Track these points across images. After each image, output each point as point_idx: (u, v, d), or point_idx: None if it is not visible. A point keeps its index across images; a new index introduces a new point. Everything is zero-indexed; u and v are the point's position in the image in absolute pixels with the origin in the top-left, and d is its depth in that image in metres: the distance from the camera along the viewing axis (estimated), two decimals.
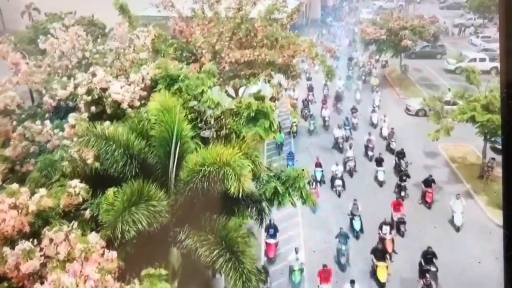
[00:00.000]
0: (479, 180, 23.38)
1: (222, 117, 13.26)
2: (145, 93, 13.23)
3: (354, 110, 29.60)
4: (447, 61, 40.88)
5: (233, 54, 23.10)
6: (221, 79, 25.44)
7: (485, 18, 51.62)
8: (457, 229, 19.57)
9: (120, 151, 10.22)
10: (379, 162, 23.28)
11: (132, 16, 17.77)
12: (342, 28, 55.55)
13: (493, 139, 22.10)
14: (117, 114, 13.10)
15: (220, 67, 24.55)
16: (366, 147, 25.56)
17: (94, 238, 8.33)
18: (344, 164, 23.77)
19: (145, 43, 14.96)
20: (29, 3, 51.06)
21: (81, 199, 9.25)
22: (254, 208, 11.85)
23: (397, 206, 19.40)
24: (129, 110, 13.15)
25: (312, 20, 58.90)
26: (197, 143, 13.66)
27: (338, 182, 21.88)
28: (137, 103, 13.21)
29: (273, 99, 27.20)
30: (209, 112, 13.34)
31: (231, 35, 24.18)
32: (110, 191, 9.27)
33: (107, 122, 11.34)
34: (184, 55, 25.41)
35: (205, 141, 14.13)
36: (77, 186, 9.10)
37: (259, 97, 30.10)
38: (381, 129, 28.09)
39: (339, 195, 21.93)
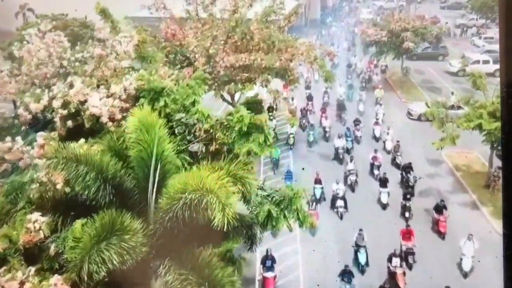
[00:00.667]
0: (485, 190, 22.16)
1: (211, 131, 12.08)
2: (127, 105, 12.04)
3: (357, 122, 27.53)
4: (450, 63, 39.56)
5: (228, 58, 21.88)
6: (215, 84, 24.29)
7: (488, 18, 50.28)
8: (465, 274, 17.28)
9: (92, 175, 9.02)
10: (384, 182, 21.17)
11: (115, 20, 16.56)
12: (342, 29, 53.99)
13: (500, 147, 20.88)
14: (97, 128, 11.90)
15: (215, 71, 23.39)
16: (372, 165, 23.44)
17: (55, 280, 7.13)
18: (345, 177, 22.27)
19: (127, 49, 13.73)
20: (23, 4, 49.91)
21: (42, 235, 8.07)
22: (245, 234, 10.65)
23: (406, 234, 17.61)
24: (110, 123, 11.96)
25: (311, 21, 57.58)
26: (185, 159, 12.50)
27: (339, 202, 20.11)
28: (119, 116, 12.01)
29: (271, 108, 26.07)
30: (199, 125, 12.18)
31: (226, 38, 22.97)
32: (78, 224, 8.08)
33: (80, 141, 10.14)
34: (178, 58, 24.26)
35: (195, 156, 12.98)
36: (37, 220, 7.93)
37: (256, 101, 29.12)
38: (384, 142, 26.16)
39: (341, 217, 20.15)
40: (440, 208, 19.44)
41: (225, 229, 8.02)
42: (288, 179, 21.72)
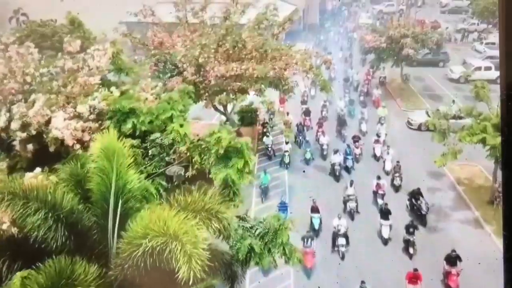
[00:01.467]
0: (489, 206, 20.83)
1: (188, 153, 10.84)
2: (97, 125, 10.80)
3: (356, 138, 25.39)
4: (451, 70, 38.25)
5: (218, 68, 20.66)
6: (206, 94, 23.09)
7: (489, 23, 49.05)
8: None
9: (42, 213, 7.77)
10: (385, 214, 18.67)
11: (88, 30, 15.33)
12: (340, 36, 52.30)
13: None
14: (64, 152, 10.65)
15: (206, 80, 22.19)
16: (375, 193, 20.91)
17: None
18: (344, 203, 20.12)
19: (99, 64, 12.49)
20: (17, 8, 48.89)
21: None
22: (224, 273, 9.37)
23: (413, 278, 15.54)
24: (78, 146, 10.72)
25: (309, 25, 56.36)
26: (161, 184, 11.25)
27: (341, 240, 17.59)
28: (88, 137, 10.77)
29: (266, 124, 24.89)
30: (175, 146, 10.95)
31: (217, 46, 21.77)
32: (17, 278, 6.79)
33: (36, 170, 8.88)
34: (167, 67, 23.07)
35: (171, 180, 11.75)
36: None
37: (250, 110, 27.91)
38: (384, 162, 23.99)
39: (342, 257, 17.61)
40: (452, 259, 16.50)
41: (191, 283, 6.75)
42: (283, 210, 18.49)
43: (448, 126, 19.51)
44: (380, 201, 20.20)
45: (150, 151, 10.97)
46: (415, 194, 19.95)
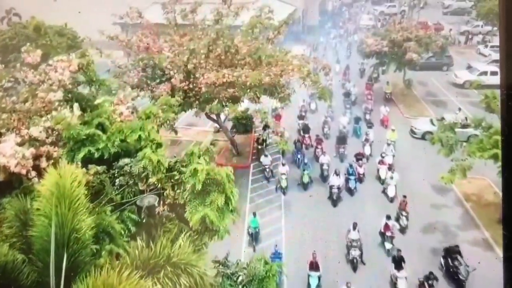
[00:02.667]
0: (499, 226, 19.15)
1: (159, 185, 9.26)
2: (56, 149, 9.21)
3: (359, 156, 22.93)
4: (455, 75, 36.57)
5: (208, 75, 19.06)
6: (197, 102, 21.53)
7: (494, 25, 47.32)
8: None
9: None
10: (399, 263, 15.96)
11: (55, 39, 13.73)
12: (339, 42, 50.14)
13: None
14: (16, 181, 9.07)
15: (196, 88, 20.63)
16: (383, 234, 18.24)
17: None
18: (347, 248, 17.37)
19: (62, 78, 10.89)
20: (9, 8, 47.37)
21: None
22: None
23: None
24: (34, 173, 9.14)
25: (309, 27, 54.70)
26: (130, 218, 9.66)
27: None
28: (45, 164, 9.19)
29: (263, 141, 23.25)
30: (145, 174, 9.37)
31: (207, 52, 20.18)
32: None
33: None
34: (156, 72, 21.49)
35: (141, 212, 10.16)
36: None
37: (246, 117, 26.31)
38: (387, 187, 21.37)
39: None
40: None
41: None
42: (276, 258, 16.11)
43: (456, 140, 17.89)
44: (388, 245, 17.78)
45: (117, 181, 9.38)
46: (452, 253, 16.59)
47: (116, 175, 9.47)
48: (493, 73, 34.34)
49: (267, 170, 22.74)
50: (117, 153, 10.84)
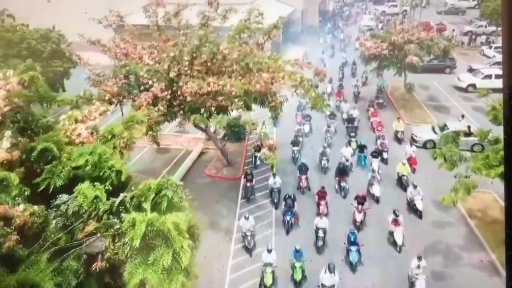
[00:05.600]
0: None
1: (98, 234, 7.54)
2: None
3: (360, 200, 18.37)
4: (458, 78, 34.68)
5: (190, 84, 17.35)
6: (181, 112, 19.85)
7: (498, 25, 45.29)
8: None
9: None
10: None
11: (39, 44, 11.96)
12: (341, 43, 48.06)
13: None
14: None
15: (180, 96, 18.94)
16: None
17: None
18: None
19: None
20: (1, 10, 45.85)
21: None
22: None
23: None
24: None
25: (308, 27, 52.81)
26: (70, 268, 7.97)
27: None
28: None
29: (249, 176, 21.14)
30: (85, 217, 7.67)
31: (191, 59, 18.47)
32: None
33: None
34: (138, 79, 19.75)
35: (93, 258, 8.49)
36: None
37: (238, 125, 24.52)
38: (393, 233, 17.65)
39: None
40: None
41: None
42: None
43: (460, 156, 16.06)
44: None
45: (54, 222, 7.71)
46: None
47: (54, 215, 7.81)
48: (498, 76, 32.40)
49: (248, 237, 17.31)
50: (73, 184, 9.15)
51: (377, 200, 20.28)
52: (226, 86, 17.30)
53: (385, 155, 23.67)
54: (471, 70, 37.03)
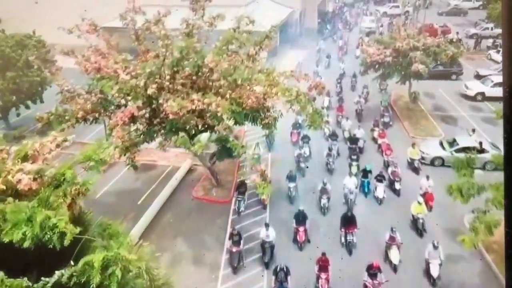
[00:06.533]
0: None
1: None
2: None
3: (373, 271, 14.40)
4: (466, 86, 32.42)
5: (170, 102, 15.14)
6: (162, 131, 17.66)
7: None
8: None
9: None
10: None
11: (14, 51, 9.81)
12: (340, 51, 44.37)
13: None
14: None
15: (161, 114, 16.76)
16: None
17: None
18: None
19: None
20: None
21: None
22: None
23: None
24: None
25: (307, 30, 50.50)
26: None
27: None
28: None
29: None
30: None
31: (172, 73, 16.28)
32: None
33: None
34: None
35: None
36: None
37: (228, 140, 22.30)
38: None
39: None
40: None
41: None
42: None
43: (479, 187, 13.85)
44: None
45: None
46: None
47: None
48: None
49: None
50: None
51: (394, 269, 16.13)
52: (211, 105, 15.09)
53: (397, 186, 20.38)
54: (478, 76, 34.83)
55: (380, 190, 19.59)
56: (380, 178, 20.00)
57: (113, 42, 17.68)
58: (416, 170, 22.31)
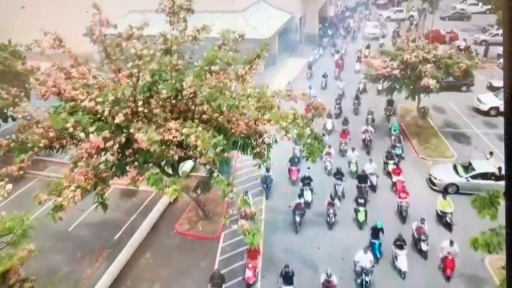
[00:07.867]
0: None
1: None
2: None
3: None
4: (479, 100, 29.82)
5: (140, 135, 12.60)
6: (133, 164, 15.16)
7: None
8: None
9: None
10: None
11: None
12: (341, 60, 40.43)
13: None
14: None
15: (132, 145, 14.25)
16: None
17: None
18: None
19: None
20: None
21: None
22: None
23: None
24: None
25: (307, 36, 47.96)
26: None
27: None
28: None
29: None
30: None
31: (146, 98, 13.77)
32: None
33: None
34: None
35: None
36: None
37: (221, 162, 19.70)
38: None
39: None
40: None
41: None
42: None
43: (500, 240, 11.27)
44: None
45: None
46: None
47: None
48: None
49: None
50: None
51: None
52: (190, 137, 12.58)
53: (424, 246, 16.09)
54: (491, 87, 32.23)
55: (403, 260, 15.37)
56: (400, 243, 15.75)
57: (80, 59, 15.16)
58: (448, 226, 17.85)
